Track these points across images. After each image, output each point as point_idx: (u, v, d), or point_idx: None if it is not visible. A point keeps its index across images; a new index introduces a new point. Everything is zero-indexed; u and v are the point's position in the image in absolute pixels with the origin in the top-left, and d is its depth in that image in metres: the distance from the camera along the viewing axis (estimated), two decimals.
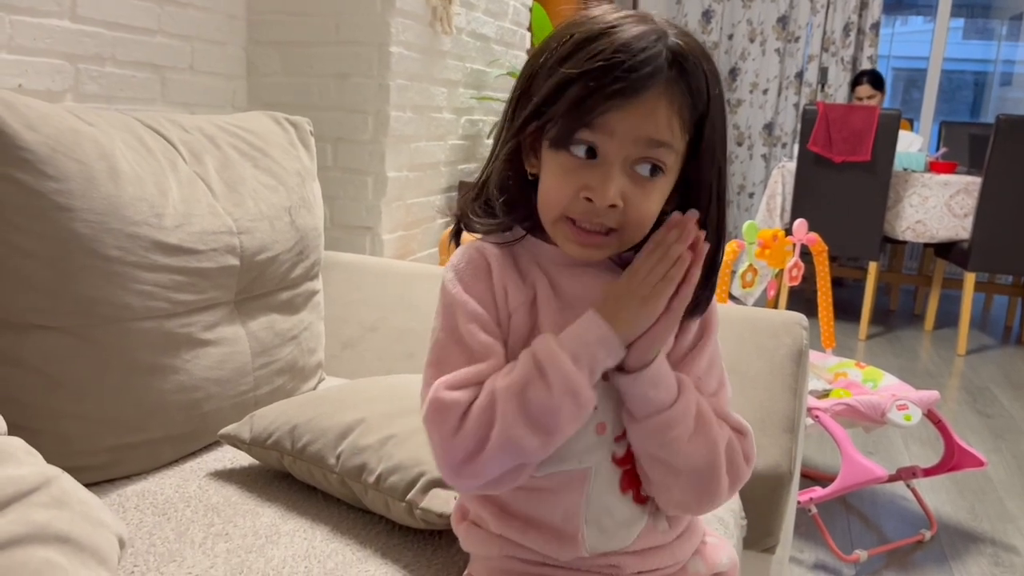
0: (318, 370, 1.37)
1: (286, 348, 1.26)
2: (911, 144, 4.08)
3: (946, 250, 3.91)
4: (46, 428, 0.97)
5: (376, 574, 0.86)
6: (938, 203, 3.76)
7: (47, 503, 0.70)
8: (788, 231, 2.62)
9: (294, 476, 1.04)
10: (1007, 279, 4.73)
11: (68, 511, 0.71)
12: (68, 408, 0.99)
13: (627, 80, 0.63)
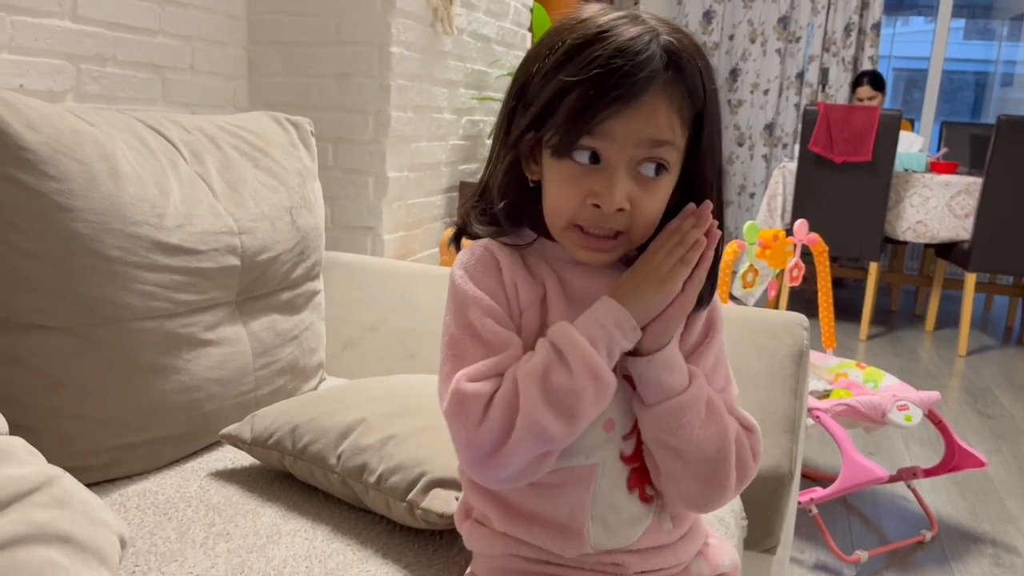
0: (319, 370, 1.37)
1: (287, 348, 1.26)
2: (912, 144, 4.08)
3: (947, 250, 3.91)
4: (47, 428, 0.97)
5: (377, 574, 0.86)
6: (939, 203, 3.76)
7: (48, 503, 0.70)
8: (789, 231, 2.63)
9: (295, 476, 1.04)
10: (1008, 280, 4.73)
11: (69, 511, 0.71)
12: (69, 408, 0.99)
13: (626, 85, 0.63)
